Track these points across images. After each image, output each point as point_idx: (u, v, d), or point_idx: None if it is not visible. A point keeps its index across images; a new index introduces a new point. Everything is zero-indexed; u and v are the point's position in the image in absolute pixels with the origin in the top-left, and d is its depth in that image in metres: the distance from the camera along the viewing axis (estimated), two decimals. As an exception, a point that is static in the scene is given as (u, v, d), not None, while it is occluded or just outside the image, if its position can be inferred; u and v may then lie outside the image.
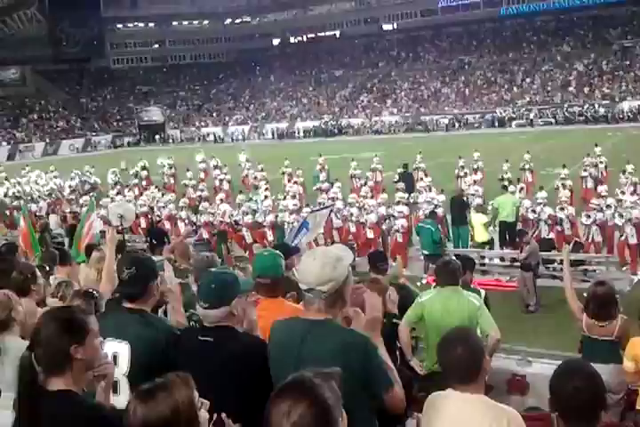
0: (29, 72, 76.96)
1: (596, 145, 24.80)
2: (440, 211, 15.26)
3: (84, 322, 2.59)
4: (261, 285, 3.78)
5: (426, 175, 21.48)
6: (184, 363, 2.96)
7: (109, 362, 2.76)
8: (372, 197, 16.93)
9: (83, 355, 2.52)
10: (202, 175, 26.53)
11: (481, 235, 14.31)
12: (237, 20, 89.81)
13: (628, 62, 59.03)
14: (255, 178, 24.06)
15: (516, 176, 19.40)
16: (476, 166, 22.22)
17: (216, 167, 27.15)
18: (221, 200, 18.40)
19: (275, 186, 22.39)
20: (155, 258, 4.15)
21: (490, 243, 14.46)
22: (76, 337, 2.51)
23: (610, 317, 5.15)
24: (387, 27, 79.70)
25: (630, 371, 4.48)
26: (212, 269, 3.85)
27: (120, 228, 8.75)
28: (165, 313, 4.24)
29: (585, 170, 20.46)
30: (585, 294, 5.35)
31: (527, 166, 21.50)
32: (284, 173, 24.83)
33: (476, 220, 14.42)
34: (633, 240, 12.74)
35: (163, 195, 19.83)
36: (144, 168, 28.19)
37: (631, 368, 4.44)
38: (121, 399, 2.98)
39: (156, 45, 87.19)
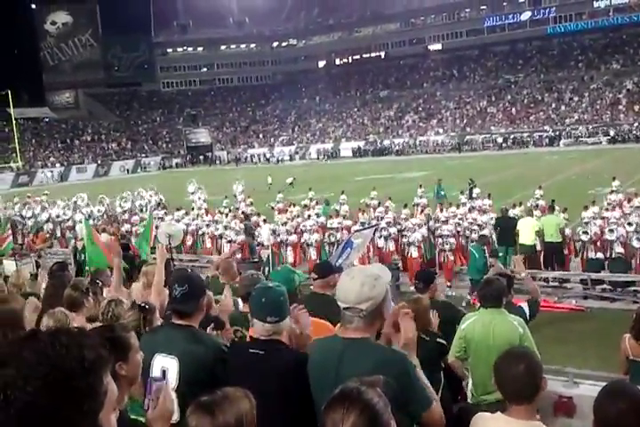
0: (82, 96, 79.44)
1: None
2: (486, 232, 15.12)
3: (126, 339, 2.68)
4: None
5: (421, 212, 18.29)
6: (234, 376, 3.03)
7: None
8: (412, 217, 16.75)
9: (127, 371, 2.59)
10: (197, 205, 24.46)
11: (527, 238, 14.18)
12: (284, 43, 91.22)
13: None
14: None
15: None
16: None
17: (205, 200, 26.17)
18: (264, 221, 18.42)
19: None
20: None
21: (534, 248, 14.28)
22: (120, 355, 2.56)
23: (656, 338, 5.06)
24: (432, 47, 79.91)
25: None
26: (263, 285, 3.92)
27: (168, 246, 8.96)
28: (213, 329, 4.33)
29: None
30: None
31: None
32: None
33: (525, 223, 14.49)
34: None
35: (207, 214, 20.14)
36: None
37: None
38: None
39: (205, 69, 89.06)
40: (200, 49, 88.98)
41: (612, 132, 52.98)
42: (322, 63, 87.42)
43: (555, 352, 7.78)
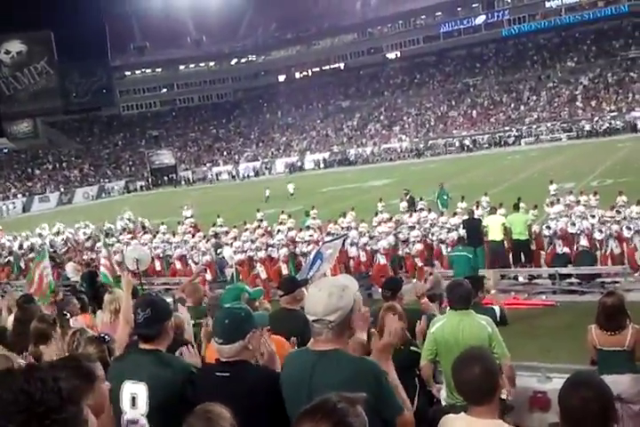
0: (41, 124, 78.44)
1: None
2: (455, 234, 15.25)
3: (91, 369, 2.67)
4: None
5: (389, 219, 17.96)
6: (203, 399, 3.02)
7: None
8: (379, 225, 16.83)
9: (92, 400, 2.56)
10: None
11: (495, 234, 14.36)
12: (243, 60, 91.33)
13: (633, 73, 59.21)
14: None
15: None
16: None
17: (144, 228, 25.34)
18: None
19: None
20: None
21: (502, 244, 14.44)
22: (85, 384, 2.56)
23: (619, 327, 5.16)
24: (390, 55, 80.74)
25: None
26: (226, 305, 3.93)
27: (136, 271, 8.86)
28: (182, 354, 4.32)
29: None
30: None
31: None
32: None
33: (492, 220, 14.65)
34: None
35: (174, 235, 19.97)
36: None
37: None
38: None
39: (164, 90, 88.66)
40: (158, 70, 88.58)
41: (570, 129, 54.00)
42: (282, 77, 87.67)
43: (527, 348, 7.89)
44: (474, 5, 75.37)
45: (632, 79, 58.47)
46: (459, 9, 76.60)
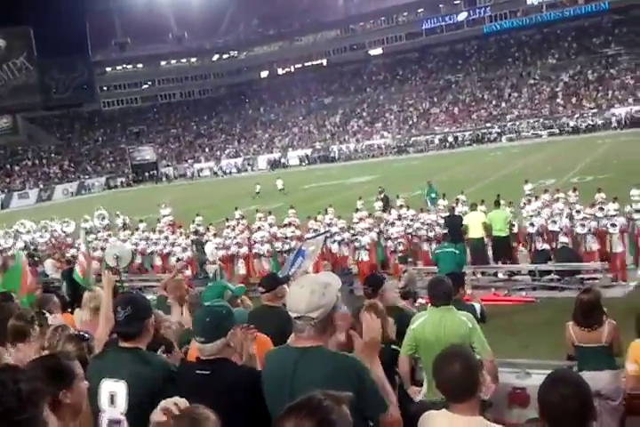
0: (21, 120, 77.61)
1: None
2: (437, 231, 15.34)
3: (70, 367, 2.64)
4: None
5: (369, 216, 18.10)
6: (183, 398, 3.01)
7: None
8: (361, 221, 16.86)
9: (71, 400, 2.57)
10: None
11: (476, 232, 14.47)
12: (225, 56, 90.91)
13: (613, 70, 59.78)
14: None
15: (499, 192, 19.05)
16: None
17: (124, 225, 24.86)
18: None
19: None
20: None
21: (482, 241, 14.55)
22: (63, 383, 2.55)
23: (596, 323, 5.22)
24: (373, 52, 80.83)
25: (635, 375, 4.48)
26: (206, 303, 3.91)
27: (117, 268, 8.81)
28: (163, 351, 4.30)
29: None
30: None
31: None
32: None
33: (473, 218, 14.76)
34: (619, 248, 12.90)
35: (153, 232, 19.87)
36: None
37: (634, 370, 4.46)
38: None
39: (146, 86, 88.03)
40: (140, 66, 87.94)
41: (551, 125, 54.45)
42: (264, 73, 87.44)
43: (507, 344, 7.94)
44: (456, 2, 75.68)
45: (612, 76, 59.03)
46: (441, 6, 76.90)
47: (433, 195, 22.61)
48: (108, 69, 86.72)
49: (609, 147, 37.52)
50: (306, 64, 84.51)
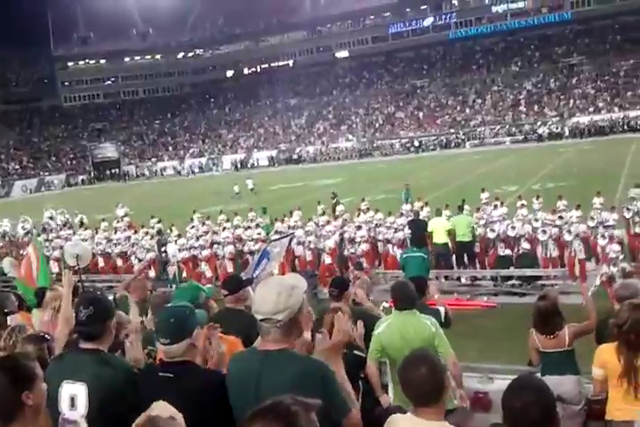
0: (-21, 114, 76.09)
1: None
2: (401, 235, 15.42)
3: (30, 368, 2.59)
4: None
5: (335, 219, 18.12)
6: (145, 400, 2.95)
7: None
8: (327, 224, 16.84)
9: (33, 401, 2.52)
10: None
11: (440, 237, 14.59)
12: (190, 54, 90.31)
13: (574, 79, 61.04)
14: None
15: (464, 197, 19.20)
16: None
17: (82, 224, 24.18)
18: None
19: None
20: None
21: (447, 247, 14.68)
22: (25, 384, 2.51)
23: (556, 328, 5.28)
24: (339, 54, 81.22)
25: (599, 379, 4.55)
26: (169, 305, 3.86)
27: (76, 268, 8.63)
28: (123, 353, 4.21)
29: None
30: None
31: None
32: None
33: (437, 223, 14.90)
34: (580, 255, 13.09)
35: (116, 231, 19.57)
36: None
37: (600, 375, 4.52)
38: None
39: (109, 82, 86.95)
40: (103, 61, 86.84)
41: (514, 133, 55.37)
42: (230, 73, 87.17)
43: (468, 349, 7.99)
44: (422, 7, 76.49)
45: (573, 85, 60.31)
46: (407, 10, 77.64)
47: (410, 199, 22.69)
48: (70, 64, 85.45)
49: (570, 155, 38.25)
50: (272, 65, 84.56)
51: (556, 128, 53.58)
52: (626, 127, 50.15)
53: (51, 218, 25.89)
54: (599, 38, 64.78)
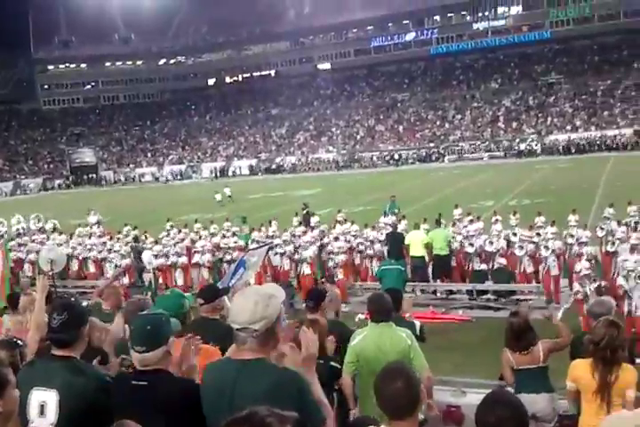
0: (-44, 115, 75.17)
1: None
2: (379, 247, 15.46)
3: (3, 375, 2.55)
4: None
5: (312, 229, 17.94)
6: (118, 409, 2.91)
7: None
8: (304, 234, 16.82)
9: (3, 407, 2.48)
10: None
11: (417, 250, 14.66)
12: (172, 61, 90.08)
13: (552, 97, 61.90)
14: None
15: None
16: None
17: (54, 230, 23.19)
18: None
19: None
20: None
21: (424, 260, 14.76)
22: None
23: (529, 344, 5.34)
24: (322, 66, 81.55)
25: (573, 390, 4.59)
26: (144, 312, 3.82)
27: (51, 273, 8.51)
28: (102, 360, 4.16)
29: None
30: None
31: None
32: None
33: (415, 236, 14.97)
34: (555, 272, 13.22)
35: (90, 237, 19.35)
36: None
37: (573, 387, 4.57)
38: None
39: (89, 86, 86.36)
40: (83, 66, 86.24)
41: (492, 148, 55.97)
42: (212, 81, 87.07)
43: (443, 362, 8.00)
44: (404, 22, 77.16)
45: (551, 103, 61.14)
46: (390, 24, 78.29)
47: (395, 210, 22.62)
48: (51, 67, 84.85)
49: (547, 172, 38.69)
50: (254, 74, 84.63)
51: (534, 145, 54.27)
52: (602, 146, 50.96)
53: (19, 222, 25.46)
54: (578, 58, 65.89)
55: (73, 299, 4.38)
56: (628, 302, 10.28)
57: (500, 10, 72.94)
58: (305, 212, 21.54)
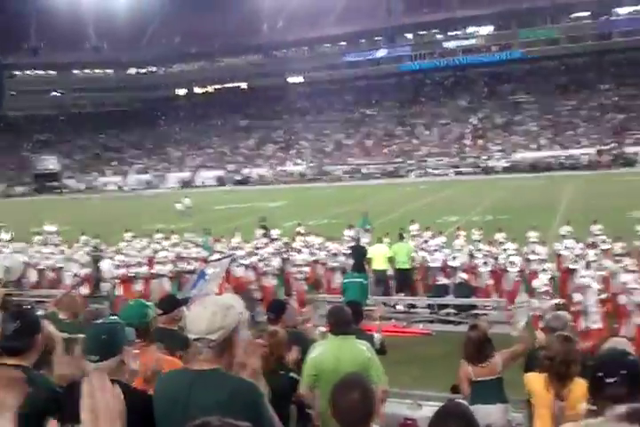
0: None
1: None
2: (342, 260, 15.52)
3: None
4: None
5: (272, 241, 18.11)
6: (67, 419, 2.87)
7: None
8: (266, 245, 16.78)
9: None
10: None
11: (379, 264, 14.76)
12: (142, 70, 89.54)
13: (519, 116, 63.01)
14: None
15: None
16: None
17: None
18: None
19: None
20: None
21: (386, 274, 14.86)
22: None
23: (487, 356, 5.42)
24: (293, 80, 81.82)
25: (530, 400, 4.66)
26: (99, 321, 3.77)
27: (3, 281, 8.35)
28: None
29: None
30: None
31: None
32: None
33: (377, 250, 15.02)
34: (514, 286, 13.36)
35: (46, 244, 19.05)
36: None
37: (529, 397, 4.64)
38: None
39: (56, 93, 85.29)
40: (52, 72, 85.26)
41: (458, 165, 56.68)
42: (182, 91, 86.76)
43: (402, 375, 8.05)
44: (376, 38, 77.96)
45: (517, 122, 62.22)
46: (362, 41, 79.01)
47: (367, 226, 22.45)
48: (18, 73, 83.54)
49: (511, 189, 39.25)
50: (225, 85, 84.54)
51: (499, 163, 55.12)
52: (566, 165, 51.96)
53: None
54: (545, 78, 67.22)
55: (27, 307, 4.31)
56: (584, 318, 10.50)
57: (471, 29, 74.28)
58: (261, 226, 21.34)
